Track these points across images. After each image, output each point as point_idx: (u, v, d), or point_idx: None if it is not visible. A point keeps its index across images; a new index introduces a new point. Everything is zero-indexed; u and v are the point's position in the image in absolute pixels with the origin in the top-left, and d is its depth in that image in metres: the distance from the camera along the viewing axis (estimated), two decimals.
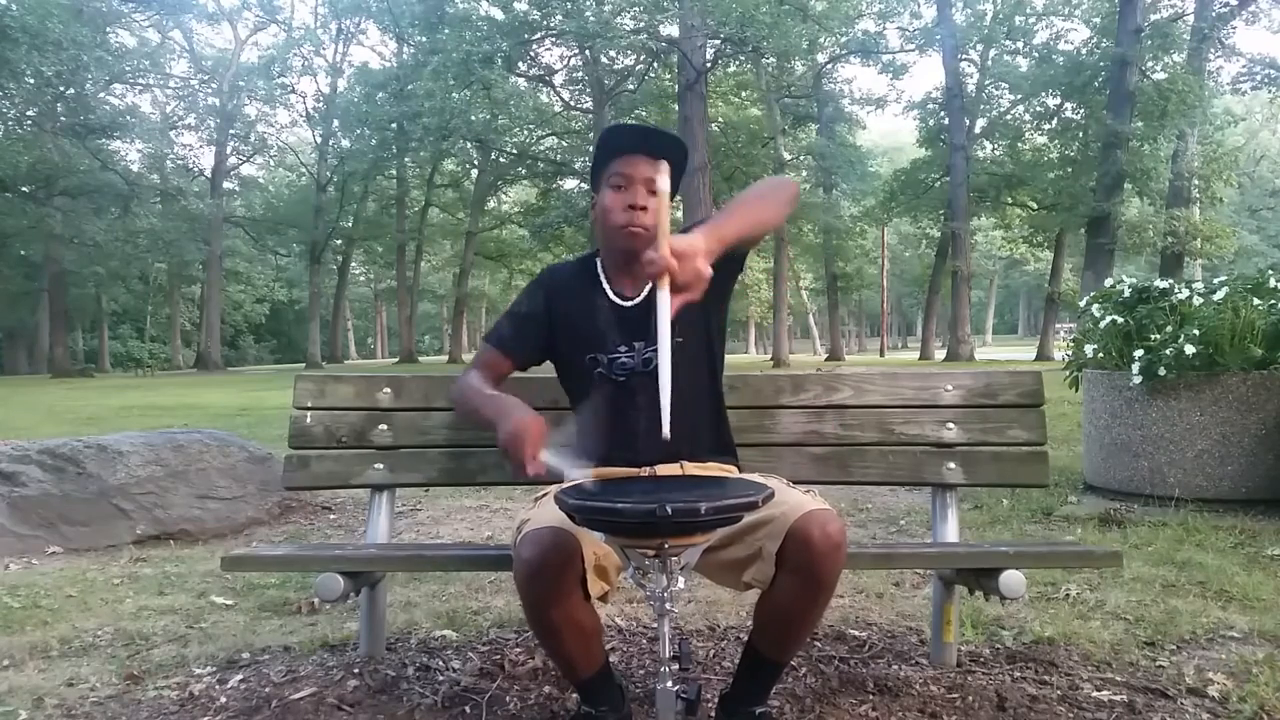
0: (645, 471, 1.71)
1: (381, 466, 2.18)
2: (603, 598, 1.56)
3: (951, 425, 2.15)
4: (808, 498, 1.58)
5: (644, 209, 1.66)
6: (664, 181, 1.44)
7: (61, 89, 25.42)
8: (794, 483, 1.78)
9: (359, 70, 32.82)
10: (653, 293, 1.65)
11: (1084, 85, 25.34)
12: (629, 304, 1.76)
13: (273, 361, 47.47)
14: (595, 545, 1.49)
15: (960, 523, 2.15)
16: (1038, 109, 29.02)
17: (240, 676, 2.16)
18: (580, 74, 28.16)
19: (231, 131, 33.51)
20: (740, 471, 1.82)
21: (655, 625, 2.12)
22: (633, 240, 1.68)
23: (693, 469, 1.75)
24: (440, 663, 2.24)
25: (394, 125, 26.40)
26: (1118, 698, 1.96)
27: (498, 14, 24.27)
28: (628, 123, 1.79)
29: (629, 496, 1.27)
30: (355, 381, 2.25)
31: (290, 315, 49.53)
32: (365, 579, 1.97)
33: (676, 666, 1.45)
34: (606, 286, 1.77)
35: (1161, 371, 4.05)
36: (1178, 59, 22.99)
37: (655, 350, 1.68)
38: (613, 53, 25.04)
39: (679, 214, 20.65)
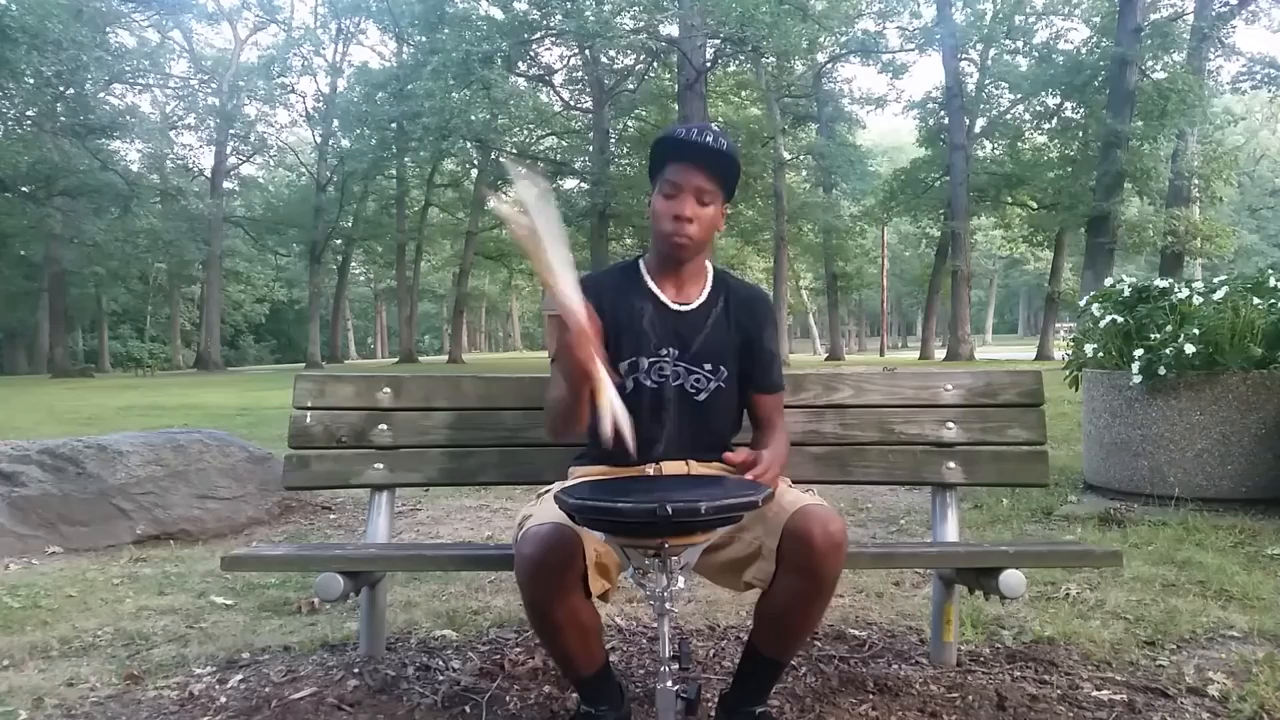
0: (651, 469, 1.71)
1: (381, 466, 2.18)
2: (603, 596, 1.57)
3: (951, 425, 2.15)
4: (806, 495, 1.58)
5: (690, 220, 1.66)
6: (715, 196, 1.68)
7: (61, 89, 25.39)
8: (794, 482, 1.78)
9: (359, 70, 32.77)
10: (706, 307, 1.78)
11: (1084, 85, 25.32)
12: (676, 307, 1.76)
13: (273, 361, 47.44)
14: (596, 543, 1.49)
15: (960, 522, 2.15)
16: (1037, 108, 29.02)
17: (240, 676, 2.16)
18: (580, 74, 28.15)
19: (231, 131, 33.43)
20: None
21: (655, 625, 2.12)
22: (678, 251, 1.70)
23: (698, 468, 1.75)
24: (440, 662, 2.24)
25: (394, 125, 26.37)
26: (1118, 697, 1.96)
27: (497, 14, 24.27)
28: (692, 130, 1.77)
29: (629, 496, 1.27)
30: (355, 381, 2.25)
31: (290, 315, 49.49)
32: (365, 579, 1.97)
33: (676, 666, 1.45)
34: (653, 287, 1.77)
35: (1161, 371, 4.05)
36: (1177, 58, 22.97)
37: (689, 370, 1.73)
38: (612, 52, 25.02)
39: None
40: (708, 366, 1.73)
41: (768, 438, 1.78)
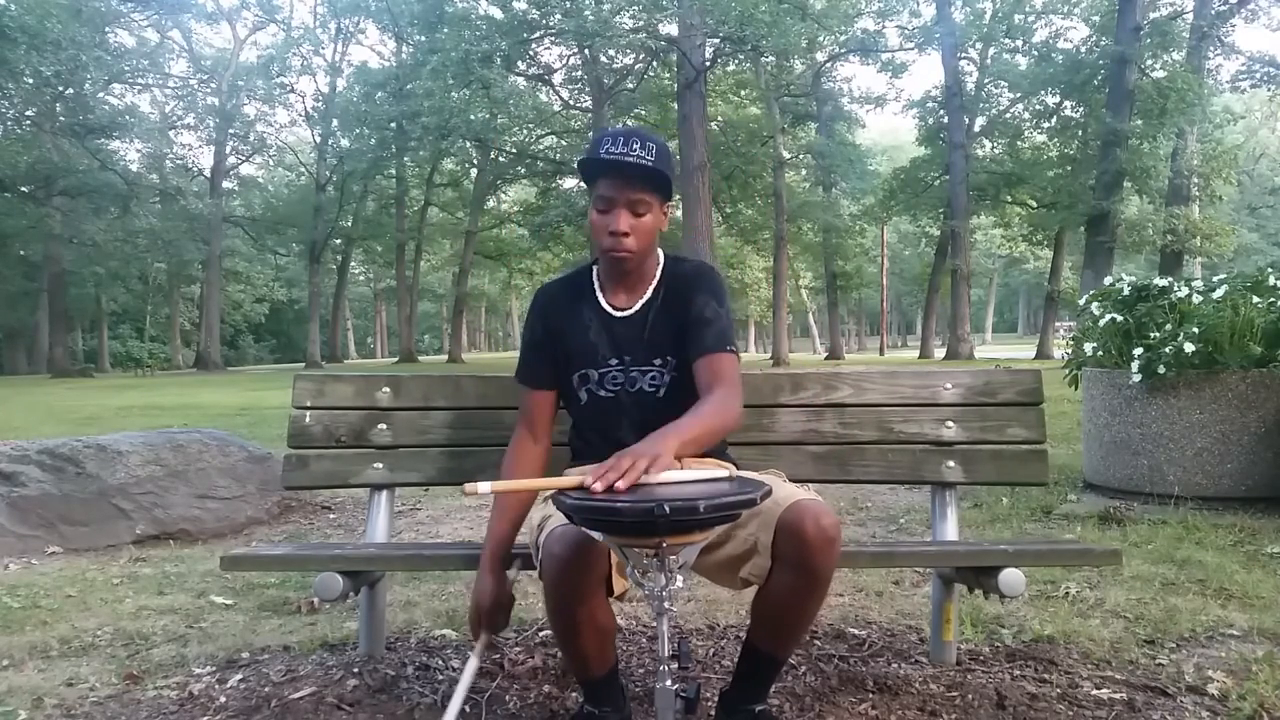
0: None
1: (381, 466, 2.18)
2: (619, 596, 1.57)
3: (951, 424, 2.15)
4: (799, 490, 1.58)
5: (626, 234, 1.65)
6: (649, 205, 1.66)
7: (61, 89, 25.40)
8: (790, 479, 1.78)
9: (358, 70, 32.73)
10: (646, 306, 1.76)
11: (1083, 83, 25.30)
12: (620, 314, 1.77)
13: (272, 361, 47.43)
14: None
15: (960, 521, 2.15)
16: (1037, 107, 28.98)
17: (240, 676, 2.16)
18: (579, 73, 28.10)
19: (231, 131, 33.40)
20: (737, 469, 1.82)
21: (655, 624, 2.12)
22: (618, 264, 1.71)
23: (691, 463, 1.74)
24: (440, 662, 2.24)
25: (393, 125, 26.36)
26: (1117, 696, 1.96)
27: (497, 13, 24.23)
28: (619, 140, 1.72)
29: (627, 495, 1.26)
30: (354, 381, 2.25)
31: (290, 315, 49.46)
32: (365, 578, 1.97)
33: (676, 665, 1.45)
34: (600, 296, 1.78)
35: (1161, 369, 4.05)
36: (1177, 57, 22.96)
37: (643, 370, 1.73)
38: (612, 51, 25.00)
39: (678, 213, 20.63)
40: (657, 361, 1.74)
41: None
